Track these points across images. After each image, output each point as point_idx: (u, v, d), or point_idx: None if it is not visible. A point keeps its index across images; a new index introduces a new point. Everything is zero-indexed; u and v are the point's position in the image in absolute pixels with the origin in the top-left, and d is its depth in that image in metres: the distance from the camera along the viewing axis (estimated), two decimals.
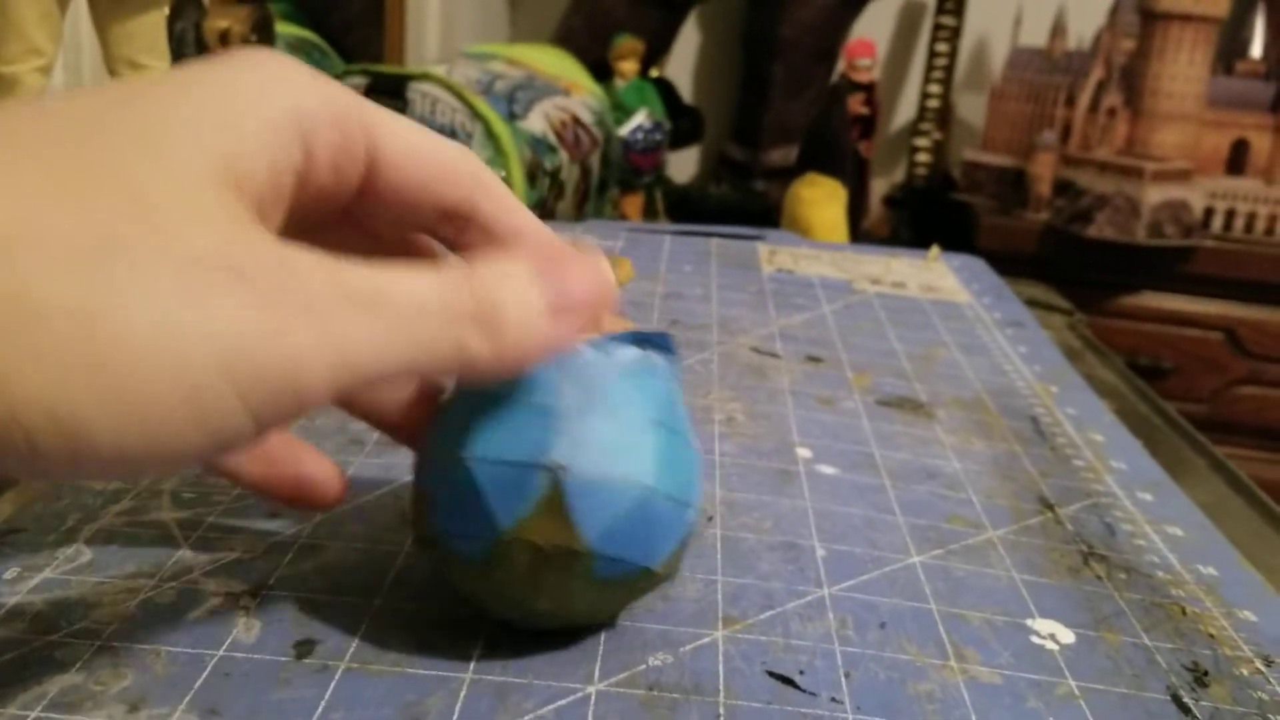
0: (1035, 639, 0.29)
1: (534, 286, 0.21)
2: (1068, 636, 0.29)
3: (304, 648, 0.25)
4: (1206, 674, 0.28)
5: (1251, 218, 1.28)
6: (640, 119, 1.12)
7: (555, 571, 0.24)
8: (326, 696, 0.24)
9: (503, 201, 0.25)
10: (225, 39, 0.72)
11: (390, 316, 0.19)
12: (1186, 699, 0.27)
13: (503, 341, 0.21)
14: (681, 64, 1.60)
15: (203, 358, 0.17)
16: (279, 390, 0.18)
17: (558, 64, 1.00)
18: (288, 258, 0.18)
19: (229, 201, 0.18)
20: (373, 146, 0.22)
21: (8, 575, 0.27)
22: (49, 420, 0.16)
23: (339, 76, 0.82)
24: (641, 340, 0.26)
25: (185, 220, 0.17)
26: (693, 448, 0.26)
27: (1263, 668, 0.29)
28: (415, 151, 0.23)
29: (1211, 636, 0.30)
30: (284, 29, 0.87)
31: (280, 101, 0.20)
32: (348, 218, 0.24)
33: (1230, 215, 1.28)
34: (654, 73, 1.30)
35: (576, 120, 0.91)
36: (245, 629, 0.26)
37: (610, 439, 0.24)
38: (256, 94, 0.20)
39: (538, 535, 0.23)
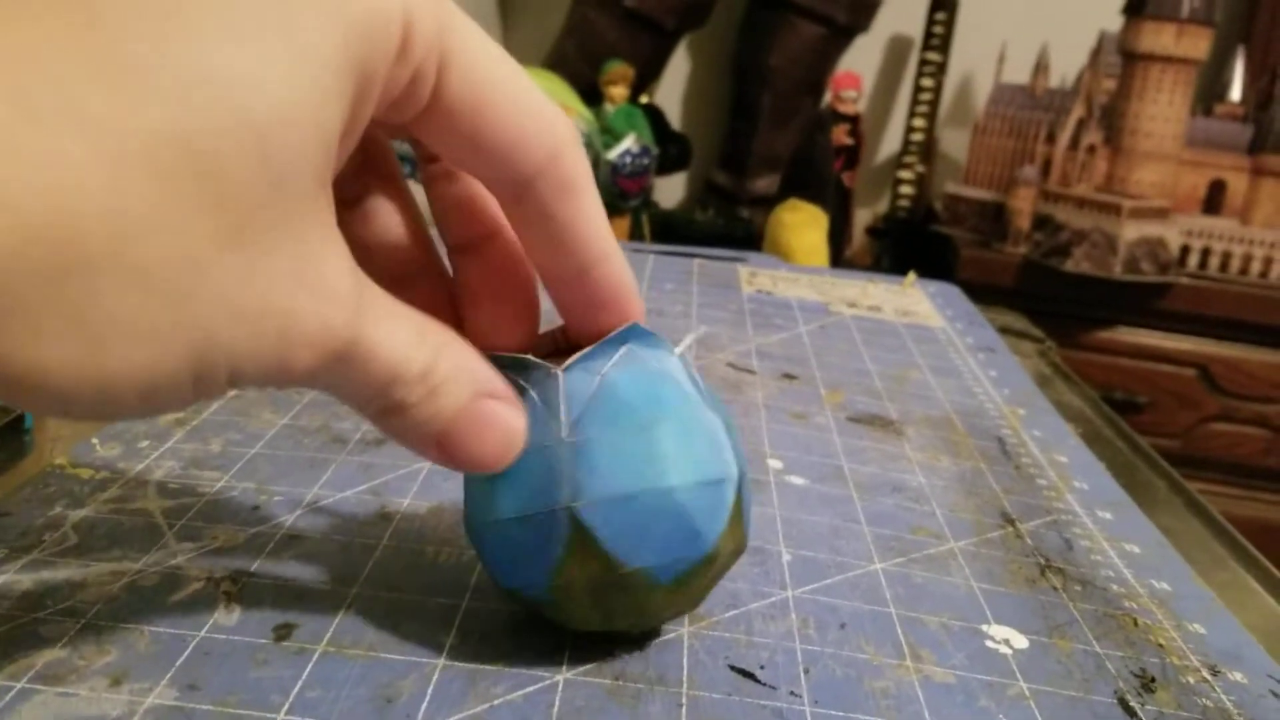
0: (990, 643, 0.30)
1: (448, 417, 0.22)
2: (1021, 642, 0.30)
3: (282, 631, 0.26)
4: (1154, 680, 0.29)
5: (1226, 257, 1.30)
6: (629, 144, 1.14)
7: (619, 593, 0.25)
8: (303, 677, 0.24)
9: (573, 210, 0.23)
10: None
11: (351, 374, 0.20)
12: (1133, 703, 0.28)
13: (382, 427, 0.22)
14: (671, 91, 1.62)
15: (218, 362, 0.18)
16: (257, 383, 0.19)
17: (549, 87, 1.01)
18: (329, 300, 0.19)
19: (290, 201, 0.18)
20: (440, 82, 0.20)
21: None
22: (29, 381, 0.17)
23: None
24: (613, 343, 0.25)
25: (254, 245, 0.18)
26: (709, 413, 0.25)
27: (1209, 677, 0.30)
28: (484, 102, 0.21)
29: (1161, 646, 0.31)
30: None
31: (334, 29, 0.18)
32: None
33: (1206, 254, 1.30)
34: (644, 99, 1.32)
35: None
36: (226, 612, 0.26)
37: (613, 457, 0.24)
38: (301, 22, 0.18)
39: (582, 573, 0.24)
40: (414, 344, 0.21)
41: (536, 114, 0.22)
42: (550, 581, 0.24)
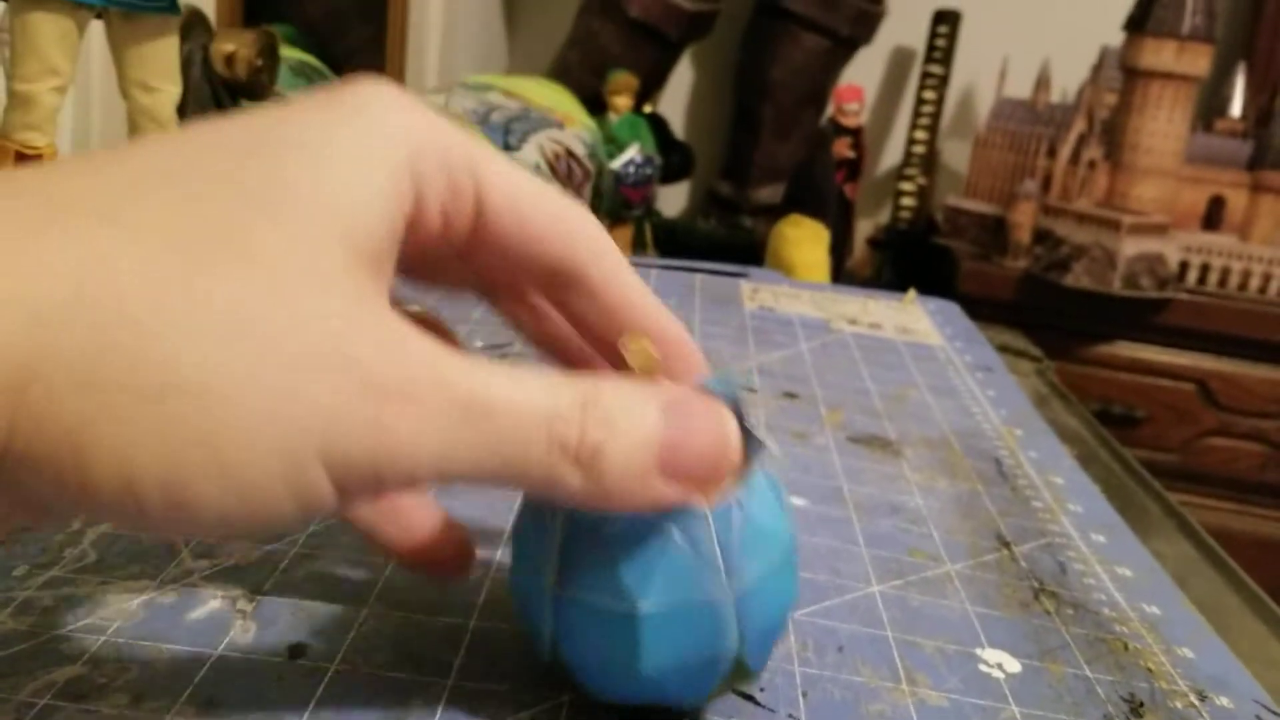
0: (983, 667, 0.30)
1: (650, 431, 0.20)
2: (1014, 666, 0.31)
3: (297, 650, 0.27)
4: (1142, 705, 0.30)
5: (1225, 273, 1.31)
6: (632, 153, 1.15)
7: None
8: (317, 695, 0.25)
9: (612, 268, 0.24)
10: (231, 62, 0.74)
11: (488, 430, 0.19)
12: None
13: (599, 485, 0.20)
14: (674, 101, 1.62)
15: (304, 444, 0.18)
16: (366, 475, 0.18)
17: (553, 97, 1.02)
18: (402, 347, 0.19)
19: (353, 267, 0.19)
20: (480, 193, 0.22)
21: (17, 572, 0.29)
22: (160, 489, 0.17)
23: None
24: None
25: (314, 293, 0.18)
26: (788, 511, 0.26)
27: (1196, 701, 0.30)
28: (518, 201, 0.22)
29: (1150, 671, 0.32)
30: (288, 53, 0.89)
31: (396, 150, 0.20)
32: (462, 261, 0.24)
33: (1205, 269, 1.31)
34: (647, 108, 1.33)
35: (570, 153, 0.93)
36: (242, 630, 0.27)
37: (766, 596, 0.24)
38: (373, 141, 0.20)
39: (721, 690, 0.25)
40: (551, 386, 0.20)
41: (559, 201, 0.23)
42: (694, 705, 0.25)
